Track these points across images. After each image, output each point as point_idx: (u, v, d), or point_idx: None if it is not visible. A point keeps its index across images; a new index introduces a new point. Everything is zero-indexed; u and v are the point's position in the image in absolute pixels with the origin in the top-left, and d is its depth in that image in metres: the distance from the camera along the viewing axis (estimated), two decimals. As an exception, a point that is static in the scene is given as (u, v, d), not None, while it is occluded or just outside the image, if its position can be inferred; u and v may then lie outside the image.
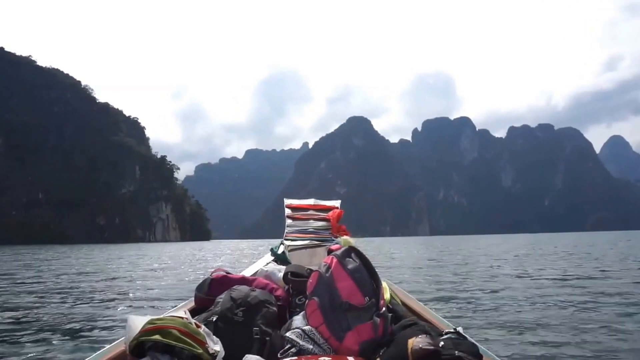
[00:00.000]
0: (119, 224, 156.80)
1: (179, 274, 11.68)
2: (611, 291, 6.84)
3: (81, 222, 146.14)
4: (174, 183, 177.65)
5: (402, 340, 1.15)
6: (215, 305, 1.43)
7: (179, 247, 43.66)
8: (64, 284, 9.38)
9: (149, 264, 16.44)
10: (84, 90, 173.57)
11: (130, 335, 1.14)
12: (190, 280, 9.91)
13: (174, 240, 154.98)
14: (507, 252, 20.67)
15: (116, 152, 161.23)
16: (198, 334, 1.14)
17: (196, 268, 14.12)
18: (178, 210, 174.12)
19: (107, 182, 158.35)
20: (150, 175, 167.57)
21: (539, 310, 5.30)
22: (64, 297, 7.09)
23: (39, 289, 8.49)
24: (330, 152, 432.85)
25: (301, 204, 2.92)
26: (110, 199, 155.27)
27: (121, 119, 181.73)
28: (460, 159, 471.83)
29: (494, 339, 3.94)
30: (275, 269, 2.00)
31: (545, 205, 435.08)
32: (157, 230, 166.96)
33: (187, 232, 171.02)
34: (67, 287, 8.74)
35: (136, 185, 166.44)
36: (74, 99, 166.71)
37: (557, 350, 3.55)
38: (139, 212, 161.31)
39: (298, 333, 1.29)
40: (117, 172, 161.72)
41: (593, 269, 10.73)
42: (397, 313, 1.55)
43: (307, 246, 2.54)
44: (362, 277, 1.33)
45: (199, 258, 21.15)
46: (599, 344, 3.74)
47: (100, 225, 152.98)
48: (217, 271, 1.78)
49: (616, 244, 29.08)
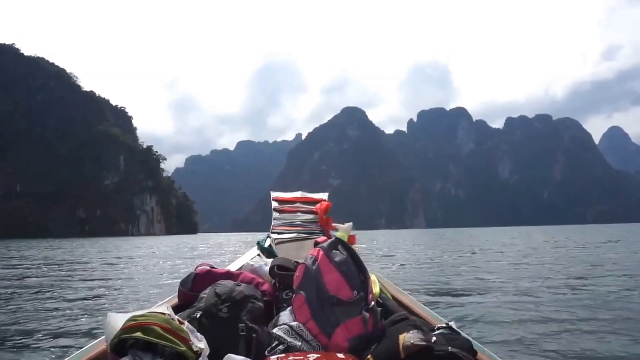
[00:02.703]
0: (100, 216, 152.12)
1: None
2: (607, 283, 6.94)
3: (61, 215, 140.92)
4: (160, 174, 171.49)
5: (393, 336, 1.12)
6: (199, 301, 1.38)
7: (150, 242, 40.84)
8: (40, 280, 9.15)
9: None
10: (68, 78, 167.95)
11: (111, 333, 1.10)
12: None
13: (159, 234, 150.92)
14: (502, 245, 20.77)
15: (100, 142, 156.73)
16: (181, 330, 1.11)
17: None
18: (164, 202, 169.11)
19: (90, 173, 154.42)
20: (135, 166, 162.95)
21: (534, 305, 5.23)
22: (40, 295, 6.88)
23: (11, 284, 8.34)
24: (323, 143, 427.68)
25: (288, 196, 2.92)
26: (92, 190, 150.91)
27: (107, 108, 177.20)
28: (457, 150, 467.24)
29: (487, 334, 3.88)
30: (261, 262, 1.95)
31: (544, 198, 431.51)
32: (141, 223, 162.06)
33: (173, 225, 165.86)
34: (43, 283, 8.43)
35: (120, 176, 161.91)
36: (58, 87, 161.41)
37: (554, 344, 3.51)
38: (122, 204, 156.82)
39: (285, 329, 1.25)
40: (101, 162, 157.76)
41: (590, 262, 10.73)
42: (387, 307, 1.52)
43: (294, 239, 2.53)
44: (349, 270, 1.29)
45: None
46: (594, 336, 3.75)
47: (81, 218, 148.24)
48: (202, 265, 1.72)
49: (619, 237, 27.84)
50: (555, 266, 9.76)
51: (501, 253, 14.82)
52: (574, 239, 24.85)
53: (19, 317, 5.01)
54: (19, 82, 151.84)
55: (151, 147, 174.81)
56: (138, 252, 20.68)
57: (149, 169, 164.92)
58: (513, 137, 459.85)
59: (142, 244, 34.10)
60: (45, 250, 23.75)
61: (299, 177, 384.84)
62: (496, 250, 16.74)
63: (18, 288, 7.69)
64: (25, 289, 7.46)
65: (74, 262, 14.79)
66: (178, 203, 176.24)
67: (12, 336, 4.13)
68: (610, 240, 22.32)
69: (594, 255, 12.93)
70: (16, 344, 3.79)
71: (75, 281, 8.82)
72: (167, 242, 38.72)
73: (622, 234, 32.80)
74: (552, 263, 10.64)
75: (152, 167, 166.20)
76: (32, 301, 6.15)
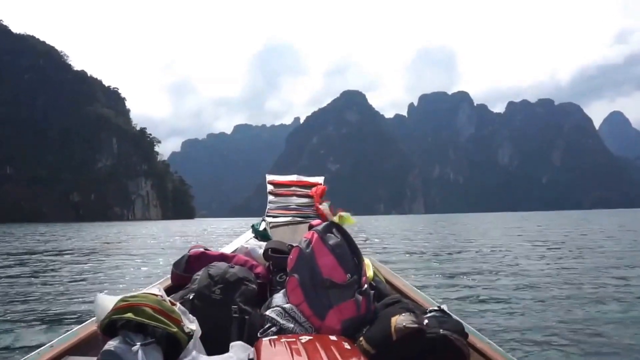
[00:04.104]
0: (95, 201, 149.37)
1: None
2: (600, 267, 7.00)
3: (54, 199, 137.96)
4: (155, 157, 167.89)
5: (386, 319, 1.13)
6: (192, 283, 1.38)
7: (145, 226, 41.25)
8: (31, 264, 9.19)
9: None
10: (58, 56, 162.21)
11: (101, 314, 1.10)
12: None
13: (154, 219, 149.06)
14: (500, 230, 21.05)
15: (92, 124, 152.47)
16: (173, 312, 1.10)
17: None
18: (159, 186, 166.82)
19: (82, 156, 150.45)
20: (129, 149, 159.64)
21: (526, 290, 5.29)
22: (31, 279, 6.96)
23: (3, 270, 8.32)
24: (322, 128, 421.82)
25: (284, 180, 2.93)
26: (85, 174, 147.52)
27: (99, 88, 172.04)
28: (457, 135, 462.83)
29: (478, 317, 3.98)
30: (255, 245, 1.94)
31: (544, 183, 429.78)
32: (137, 208, 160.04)
33: (169, 209, 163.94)
34: (34, 268, 8.49)
35: (114, 160, 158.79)
36: (48, 66, 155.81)
37: (545, 329, 3.61)
38: (116, 188, 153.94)
39: (278, 311, 1.26)
40: (93, 145, 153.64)
41: (584, 247, 10.92)
42: (380, 291, 1.53)
43: (289, 223, 2.53)
44: (343, 253, 1.30)
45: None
46: (586, 321, 3.83)
47: (74, 202, 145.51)
48: (195, 247, 1.72)
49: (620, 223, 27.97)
50: (551, 252, 9.89)
51: (496, 239, 15.04)
52: (564, 226, 24.86)
53: (8, 300, 5.10)
54: (6, 61, 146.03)
55: (145, 129, 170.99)
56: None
57: (144, 152, 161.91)
58: (514, 122, 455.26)
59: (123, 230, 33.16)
60: (37, 235, 23.68)
61: (298, 161, 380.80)
62: (492, 236, 16.76)
63: (9, 272, 7.76)
64: (16, 273, 7.53)
65: (67, 246, 14.87)
66: (174, 187, 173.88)
67: (1, 319, 4.21)
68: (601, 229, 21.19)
69: (587, 240, 13.17)
70: (7, 327, 3.85)
71: (66, 265, 8.80)
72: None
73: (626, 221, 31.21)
74: (547, 248, 10.84)
75: (146, 150, 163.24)
76: (22, 285, 6.19)
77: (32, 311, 4.41)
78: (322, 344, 1.00)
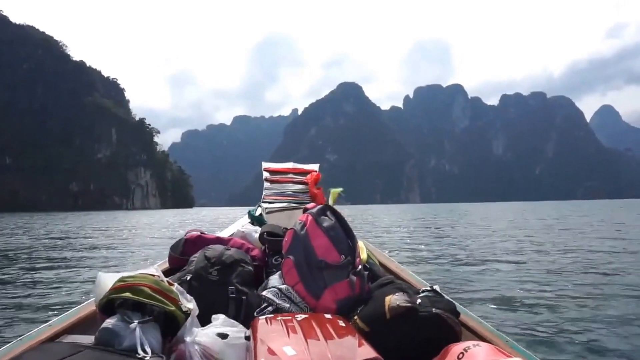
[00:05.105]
0: (94, 190, 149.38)
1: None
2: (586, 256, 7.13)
3: (53, 188, 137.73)
4: (154, 147, 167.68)
5: (380, 298, 1.15)
6: (189, 265, 1.40)
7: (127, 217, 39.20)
8: (33, 250, 9.27)
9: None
10: (57, 46, 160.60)
11: (100, 293, 1.11)
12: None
13: (153, 208, 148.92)
14: (491, 219, 21.54)
15: (91, 114, 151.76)
16: (170, 291, 1.12)
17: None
18: (158, 176, 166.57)
19: (81, 146, 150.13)
20: (128, 139, 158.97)
21: (517, 274, 5.45)
22: (33, 264, 7.03)
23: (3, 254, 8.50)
24: (320, 119, 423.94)
25: (279, 167, 2.96)
26: (85, 164, 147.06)
27: (98, 79, 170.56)
28: (452, 126, 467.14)
29: (470, 299, 4.12)
30: (251, 229, 1.99)
31: (536, 174, 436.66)
32: (136, 197, 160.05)
33: (168, 199, 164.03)
34: (35, 254, 8.53)
35: (113, 150, 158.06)
36: (46, 56, 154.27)
37: (533, 312, 3.73)
38: (115, 178, 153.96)
39: (274, 292, 1.28)
40: (92, 135, 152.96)
41: (572, 235, 11.24)
42: (374, 272, 1.56)
43: (284, 208, 2.57)
44: (337, 235, 1.32)
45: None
46: (571, 303, 4.00)
47: (73, 192, 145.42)
48: (192, 231, 1.74)
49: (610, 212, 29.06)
50: (540, 240, 10.19)
51: (488, 227, 15.51)
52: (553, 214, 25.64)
53: (9, 282, 5.18)
54: (5, 50, 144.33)
55: (144, 119, 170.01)
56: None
57: (143, 142, 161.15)
58: (507, 114, 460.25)
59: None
60: (37, 223, 23.74)
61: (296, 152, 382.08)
62: (483, 225, 17.32)
63: (9, 255, 7.95)
64: (16, 258, 7.71)
65: (68, 233, 14.87)
66: (173, 177, 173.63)
67: (3, 298, 4.29)
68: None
69: (577, 230, 13.46)
70: (7, 307, 3.85)
71: (67, 250, 8.92)
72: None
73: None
74: (538, 237, 11.11)
75: (145, 141, 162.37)
76: (23, 269, 6.30)
77: (29, 296, 4.42)
78: (318, 321, 1.02)
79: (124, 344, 0.96)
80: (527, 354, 1.03)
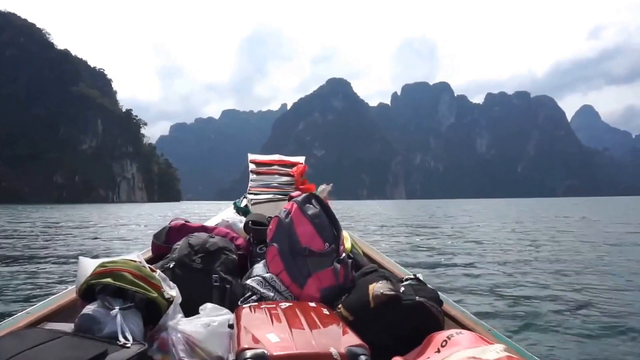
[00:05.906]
0: (79, 182, 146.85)
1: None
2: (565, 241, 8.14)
3: (37, 179, 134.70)
4: (141, 140, 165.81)
5: (363, 286, 1.15)
6: (173, 252, 1.39)
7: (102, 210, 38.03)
8: (12, 243, 8.91)
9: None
10: (40, 34, 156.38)
11: (81, 278, 1.08)
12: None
13: (140, 201, 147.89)
14: (474, 215, 22.34)
15: (76, 103, 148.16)
16: (153, 277, 1.10)
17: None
18: (145, 169, 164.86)
19: (66, 136, 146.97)
20: (114, 130, 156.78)
21: (498, 267, 5.65)
22: (12, 255, 6.94)
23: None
24: (308, 114, 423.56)
25: (265, 159, 2.93)
26: (69, 155, 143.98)
27: (84, 68, 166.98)
28: (438, 124, 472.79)
29: (452, 288, 4.23)
30: (236, 219, 1.98)
31: (519, 172, 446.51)
32: (122, 190, 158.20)
33: (155, 192, 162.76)
34: (16, 247, 8.32)
35: (99, 141, 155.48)
36: (29, 43, 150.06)
37: (513, 302, 3.84)
38: (101, 169, 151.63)
39: (259, 280, 1.27)
40: (77, 125, 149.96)
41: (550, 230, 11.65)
42: (358, 262, 1.57)
43: (270, 200, 2.56)
44: (322, 223, 1.31)
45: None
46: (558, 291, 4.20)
47: (58, 183, 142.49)
48: (176, 220, 1.71)
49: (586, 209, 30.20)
50: (518, 234, 10.78)
51: (477, 224, 15.77)
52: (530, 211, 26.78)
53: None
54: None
55: (130, 110, 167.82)
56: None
57: (129, 134, 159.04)
58: (492, 112, 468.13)
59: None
60: (21, 215, 23.52)
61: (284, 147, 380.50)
62: (465, 220, 18.07)
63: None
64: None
65: (52, 226, 14.57)
66: (160, 170, 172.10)
67: None
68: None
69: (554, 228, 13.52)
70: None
71: (50, 242, 8.88)
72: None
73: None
74: (517, 231, 11.76)
75: (132, 132, 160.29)
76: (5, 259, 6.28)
77: (7, 286, 4.38)
78: (302, 310, 1.03)
79: (104, 331, 0.94)
80: (507, 341, 1.03)
